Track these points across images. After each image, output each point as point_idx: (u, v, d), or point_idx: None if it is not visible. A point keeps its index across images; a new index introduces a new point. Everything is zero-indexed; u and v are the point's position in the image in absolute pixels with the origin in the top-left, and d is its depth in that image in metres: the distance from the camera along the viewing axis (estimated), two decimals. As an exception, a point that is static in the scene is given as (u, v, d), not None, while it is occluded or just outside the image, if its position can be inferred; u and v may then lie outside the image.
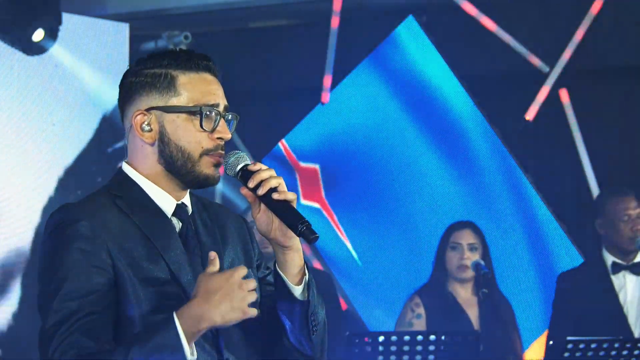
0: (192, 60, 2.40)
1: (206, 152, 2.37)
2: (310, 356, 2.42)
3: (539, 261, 6.24)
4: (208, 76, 2.41)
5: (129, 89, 2.41)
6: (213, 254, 2.24)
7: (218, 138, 2.37)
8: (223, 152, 2.39)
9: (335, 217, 6.68)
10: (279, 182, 2.33)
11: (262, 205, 2.36)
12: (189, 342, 2.18)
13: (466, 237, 5.19)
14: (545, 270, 6.19)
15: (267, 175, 2.33)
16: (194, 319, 2.17)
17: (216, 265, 2.22)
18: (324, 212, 6.67)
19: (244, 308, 2.18)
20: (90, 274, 2.26)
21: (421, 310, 5.22)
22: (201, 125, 2.35)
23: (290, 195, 2.32)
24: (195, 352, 2.21)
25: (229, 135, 2.39)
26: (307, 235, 2.29)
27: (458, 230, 5.24)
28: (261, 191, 2.31)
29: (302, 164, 6.79)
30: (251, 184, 2.32)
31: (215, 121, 2.37)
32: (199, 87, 2.38)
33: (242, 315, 2.19)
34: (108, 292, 2.27)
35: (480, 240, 5.21)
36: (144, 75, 2.39)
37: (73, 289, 2.24)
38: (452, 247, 5.19)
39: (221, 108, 2.39)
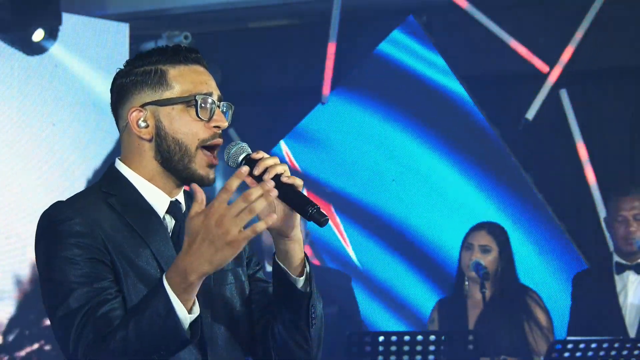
0: (180, 54, 2.39)
1: (202, 144, 2.36)
2: (305, 350, 2.40)
3: (538, 261, 6.24)
4: (198, 68, 2.41)
5: (121, 90, 2.40)
6: (196, 187, 2.14)
7: (215, 127, 2.37)
8: (220, 141, 2.39)
9: (336, 218, 6.68)
10: (284, 168, 2.31)
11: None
12: (184, 299, 2.11)
13: (479, 239, 5.26)
14: (545, 270, 6.19)
15: (272, 162, 2.31)
16: (181, 274, 2.11)
17: (200, 202, 2.12)
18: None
19: (232, 243, 2.07)
20: (93, 263, 2.25)
21: (435, 314, 5.35)
22: (197, 114, 2.35)
23: (298, 181, 2.31)
24: (196, 309, 2.15)
25: (225, 124, 2.38)
26: (317, 218, 2.25)
27: (474, 231, 5.34)
28: (267, 176, 2.29)
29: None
30: (257, 172, 2.30)
31: (211, 110, 2.36)
32: (190, 78, 2.38)
33: (233, 251, 2.08)
34: (113, 280, 2.26)
35: (498, 241, 5.26)
36: (134, 74, 2.39)
37: (79, 280, 2.23)
38: (466, 247, 5.29)
39: (215, 98, 2.38)
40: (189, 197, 2.48)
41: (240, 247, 2.08)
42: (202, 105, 2.35)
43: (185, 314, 2.13)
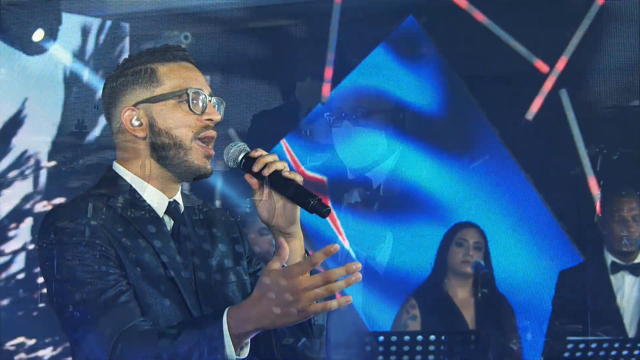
0: (168, 52, 2.43)
1: (196, 135, 2.37)
2: (308, 348, 2.41)
3: (540, 261, 6.23)
4: (187, 64, 2.44)
5: (112, 92, 2.43)
6: (282, 241, 2.17)
7: (208, 120, 2.38)
8: (214, 133, 2.40)
9: (334, 215, 6.68)
10: (283, 165, 2.34)
11: (265, 192, 2.36)
12: (235, 341, 2.14)
13: (472, 236, 5.27)
14: (546, 271, 6.19)
15: (271, 159, 2.34)
16: (242, 320, 2.14)
17: (281, 258, 2.14)
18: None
19: (300, 313, 2.10)
20: (100, 259, 2.26)
21: (416, 311, 5.29)
22: (190, 108, 2.36)
23: (298, 177, 2.34)
24: (245, 352, 2.18)
25: (218, 117, 2.40)
26: (319, 209, 2.28)
27: (465, 229, 5.32)
28: (267, 171, 2.31)
29: (309, 173, 6.77)
30: (256, 168, 2.33)
31: (204, 103, 2.38)
32: (180, 74, 2.40)
33: (298, 319, 2.13)
34: (121, 275, 2.27)
35: (484, 241, 5.27)
36: (124, 75, 2.42)
37: (90, 275, 2.24)
38: (458, 243, 5.27)
39: (206, 93, 2.40)
40: (187, 198, 2.49)
41: (306, 318, 2.13)
42: (194, 99, 2.37)
43: (231, 353, 2.15)
